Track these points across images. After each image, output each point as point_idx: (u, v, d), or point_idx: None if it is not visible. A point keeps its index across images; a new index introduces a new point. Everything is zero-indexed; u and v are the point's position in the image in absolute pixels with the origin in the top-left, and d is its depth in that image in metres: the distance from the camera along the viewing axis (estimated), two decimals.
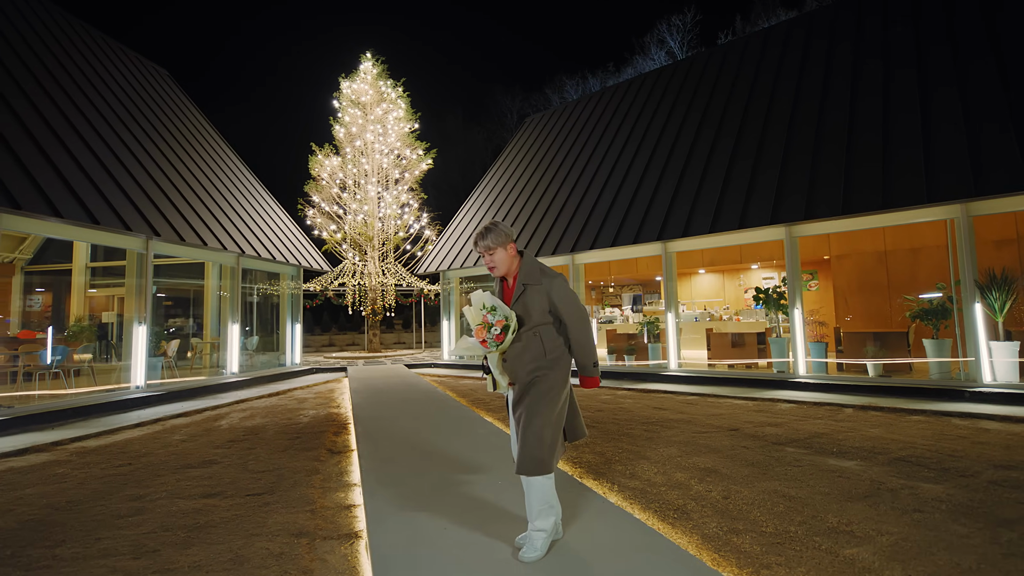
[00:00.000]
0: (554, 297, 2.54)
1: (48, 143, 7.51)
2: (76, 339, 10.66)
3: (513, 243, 2.65)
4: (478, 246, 2.63)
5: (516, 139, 17.81)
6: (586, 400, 7.75)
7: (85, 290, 14.03)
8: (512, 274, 2.66)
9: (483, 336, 2.55)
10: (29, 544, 2.89)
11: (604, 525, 2.88)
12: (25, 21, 9.49)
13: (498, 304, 2.57)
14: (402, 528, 2.88)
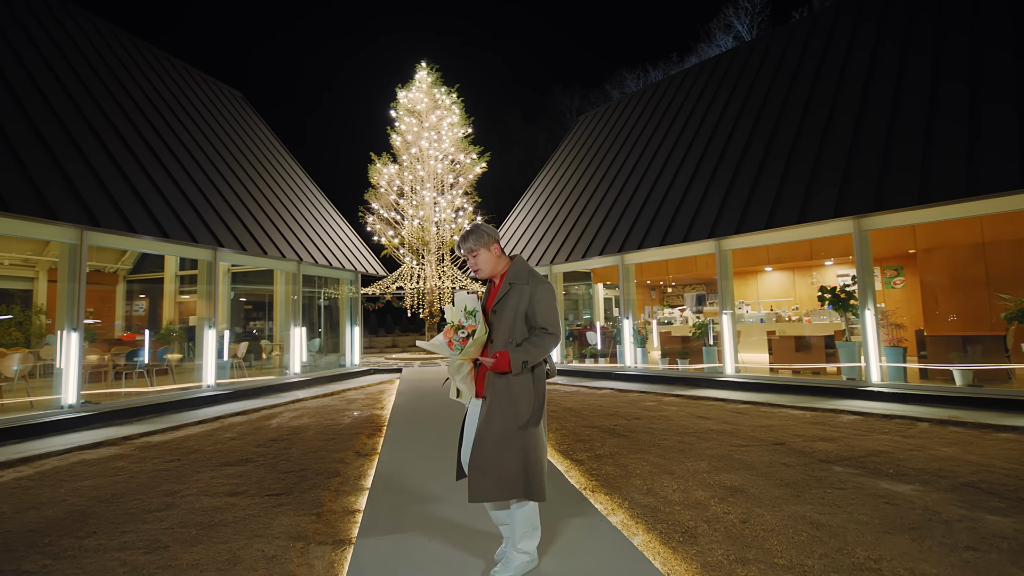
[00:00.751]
0: (536, 298, 2.47)
1: (128, 165, 8.34)
2: (165, 341, 11.79)
3: (497, 243, 2.62)
4: (461, 249, 2.61)
5: (568, 138, 17.58)
6: (627, 407, 7.47)
7: (176, 297, 15.46)
8: (499, 275, 2.62)
9: (450, 336, 2.49)
10: (66, 534, 3.18)
11: (592, 548, 2.73)
12: (113, 54, 10.61)
13: (478, 311, 2.52)
14: (388, 538, 2.88)
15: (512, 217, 15.81)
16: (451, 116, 18.21)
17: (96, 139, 8.18)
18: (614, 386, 9.70)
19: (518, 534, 2.47)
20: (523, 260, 2.63)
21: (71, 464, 4.97)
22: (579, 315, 17.04)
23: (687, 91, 13.51)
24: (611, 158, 13.93)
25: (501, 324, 2.46)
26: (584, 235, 12.18)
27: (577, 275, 15.58)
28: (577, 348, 13.33)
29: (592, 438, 5.51)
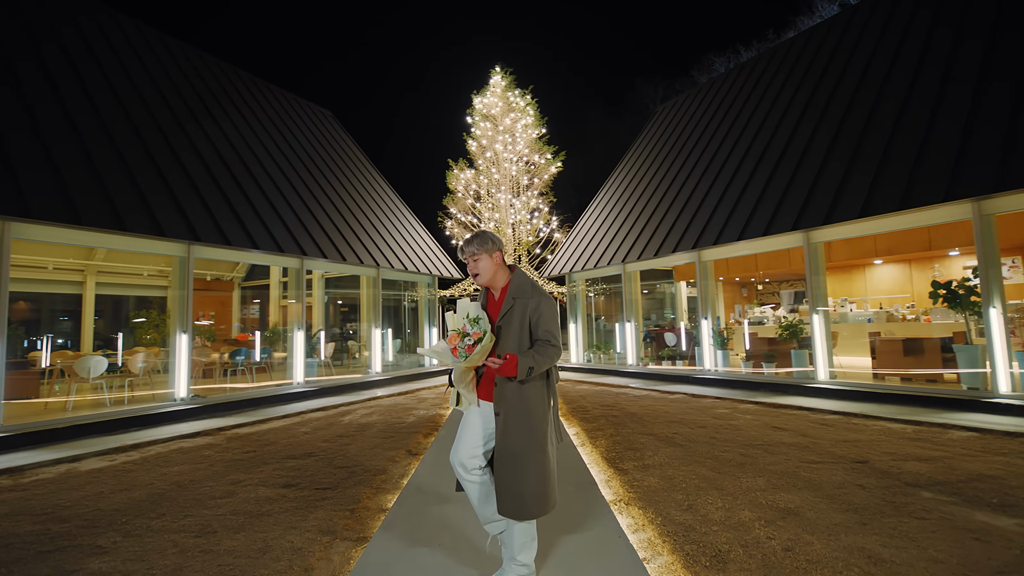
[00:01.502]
0: (539, 311, 2.45)
1: (227, 184, 9.34)
2: (269, 341, 13.06)
3: (500, 252, 2.60)
4: (464, 252, 2.61)
5: (645, 132, 16.92)
6: (695, 414, 7.02)
7: (280, 301, 17.06)
8: (499, 286, 2.60)
9: (455, 343, 2.48)
10: (141, 514, 3.62)
11: (597, 567, 2.58)
12: (218, 83, 11.95)
13: (482, 317, 2.50)
14: (401, 539, 2.93)
15: (585, 216, 15.53)
16: (525, 118, 18.31)
17: (200, 161, 9.25)
18: (689, 391, 9.16)
19: (516, 546, 2.43)
20: (524, 273, 2.62)
21: (170, 451, 5.65)
22: (660, 315, 16.34)
23: (773, 73, 12.43)
24: (688, 150, 13.19)
25: (507, 337, 2.46)
26: (657, 232, 11.64)
27: (657, 273, 14.96)
28: (654, 350, 12.78)
29: (645, 446, 5.23)
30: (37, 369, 9.17)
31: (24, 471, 4.93)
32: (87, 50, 9.10)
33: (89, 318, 14.56)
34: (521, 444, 2.37)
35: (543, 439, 2.42)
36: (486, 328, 2.46)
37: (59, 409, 7.47)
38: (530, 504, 2.34)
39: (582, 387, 10.42)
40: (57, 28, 8.86)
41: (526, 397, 2.42)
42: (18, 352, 11.07)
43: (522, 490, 2.33)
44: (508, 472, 2.36)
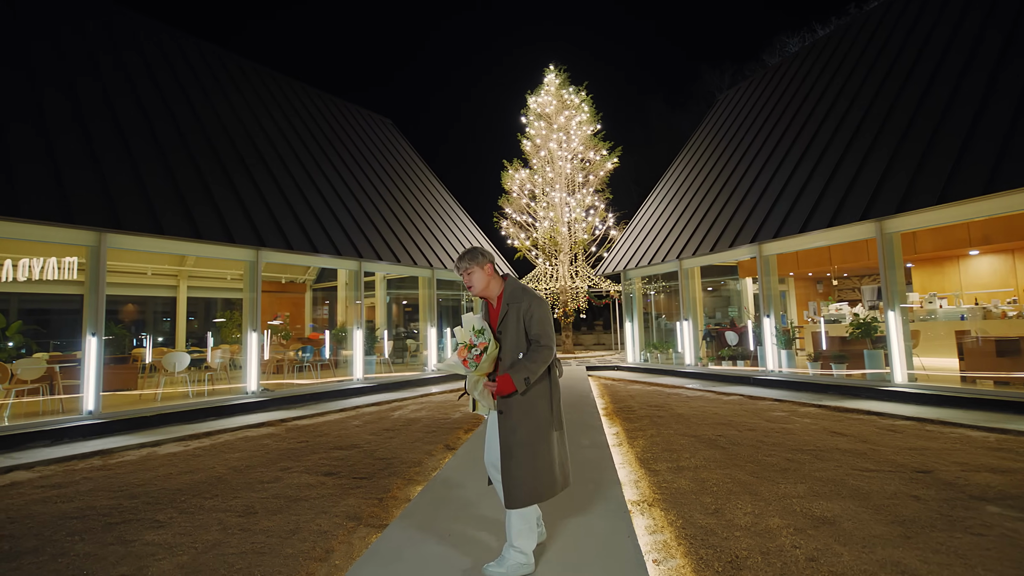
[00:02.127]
0: (530, 312, 2.57)
1: (291, 193, 10.02)
2: (336, 340, 13.84)
3: (491, 264, 2.73)
4: (458, 269, 2.74)
5: (705, 122, 16.23)
6: (746, 417, 6.68)
7: (347, 301, 18.01)
8: (494, 295, 2.73)
9: (464, 356, 2.62)
10: (197, 495, 4.00)
11: (595, 566, 2.55)
12: (285, 98, 12.82)
13: (486, 328, 2.63)
14: (418, 527, 3.05)
15: (641, 212, 15.15)
16: (580, 114, 18.15)
17: (268, 173, 9.99)
18: (747, 392, 8.71)
19: (514, 531, 2.49)
20: (515, 280, 2.76)
21: (236, 439, 6.17)
22: (725, 313, 15.62)
23: (845, 51, 11.52)
24: (749, 138, 12.52)
25: (507, 342, 2.57)
26: (715, 226, 11.15)
27: (720, 270, 14.33)
28: (714, 349, 12.24)
29: (684, 448, 5.06)
30: (136, 364, 10.29)
31: (113, 453, 5.58)
32: (169, 70, 10.10)
33: (183, 318, 16.12)
34: (529, 434, 2.49)
35: (548, 427, 2.54)
36: (490, 337, 2.60)
37: (151, 399, 8.35)
38: (519, 492, 2.43)
39: (634, 387, 10.19)
40: (136, 49, 9.90)
41: (528, 396, 2.53)
42: (125, 348, 12.49)
43: (511, 478, 2.45)
44: (515, 463, 2.47)
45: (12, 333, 10.48)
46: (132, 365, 9.99)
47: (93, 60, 8.87)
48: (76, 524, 3.41)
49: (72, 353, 9.96)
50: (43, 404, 7.59)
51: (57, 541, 3.13)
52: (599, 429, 5.66)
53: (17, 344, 10.22)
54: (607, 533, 2.89)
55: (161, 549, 3.00)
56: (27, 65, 7.74)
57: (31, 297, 13.77)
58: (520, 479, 2.44)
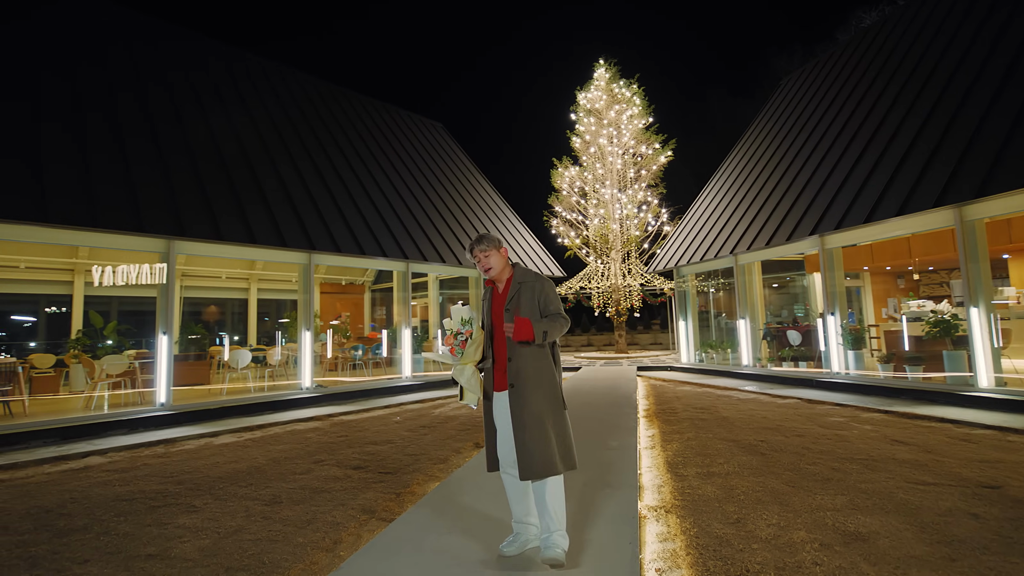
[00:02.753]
0: (544, 292, 2.71)
1: (341, 198, 10.48)
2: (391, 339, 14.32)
3: (505, 249, 2.85)
4: (474, 252, 2.81)
5: (766, 108, 15.33)
6: (797, 422, 6.24)
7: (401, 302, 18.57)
8: (504, 279, 2.81)
9: (451, 343, 2.68)
10: (234, 483, 4.26)
11: (585, 571, 2.45)
12: (340, 108, 13.41)
13: (473, 317, 2.71)
14: (424, 521, 3.07)
15: (695, 205, 14.54)
16: (631, 108, 17.69)
17: (320, 180, 10.50)
18: (806, 395, 8.13)
19: (549, 514, 2.51)
20: (523, 266, 2.87)
21: (284, 432, 6.52)
22: (791, 311, 14.69)
23: (921, 24, 10.49)
24: (812, 124, 11.68)
25: (521, 315, 2.64)
26: (771, 219, 10.49)
27: (784, 265, 13.52)
28: (775, 349, 11.52)
29: (719, 453, 4.79)
30: (210, 360, 11.13)
31: (175, 442, 6.06)
32: (233, 88, 10.85)
33: (254, 318, 17.28)
34: (539, 408, 2.57)
35: (557, 402, 2.65)
36: (477, 326, 2.68)
37: (217, 394, 9.01)
38: (557, 461, 2.52)
39: (683, 388, 9.79)
40: (202, 70, 10.70)
41: (536, 368, 2.62)
42: (204, 346, 13.57)
43: (547, 449, 2.51)
44: (530, 436, 2.51)
45: (109, 332, 11.64)
46: (205, 361, 10.81)
47: (166, 82, 9.70)
48: (125, 506, 3.73)
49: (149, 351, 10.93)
50: (125, 396, 8.38)
51: (104, 521, 3.44)
52: (631, 431, 5.47)
53: (113, 342, 11.37)
54: (607, 538, 2.78)
55: (189, 532, 3.21)
56: (113, 111, 8.59)
57: (126, 300, 15.26)
58: (534, 451, 2.50)
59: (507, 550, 2.62)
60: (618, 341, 17.98)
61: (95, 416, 6.95)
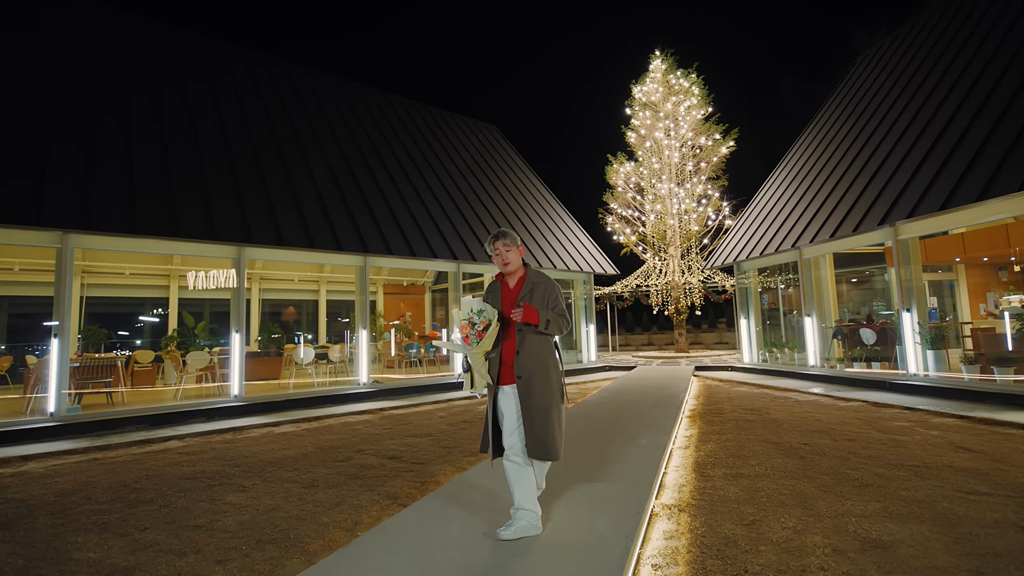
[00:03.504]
0: (553, 293, 2.96)
1: (395, 203, 10.98)
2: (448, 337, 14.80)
3: (523, 247, 3.09)
4: (495, 246, 3.00)
5: (837, 90, 14.28)
6: (853, 425, 5.84)
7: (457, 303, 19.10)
8: (517, 276, 3.04)
9: (466, 332, 2.78)
10: (282, 468, 4.65)
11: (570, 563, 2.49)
12: (396, 117, 14.02)
13: (487, 308, 2.80)
14: (436, 507, 3.24)
15: (758, 196, 13.81)
16: (689, 99, 17.10)
17: (374, 185, 11.06)
18: (874, 398, 7.55)
19: (525, 495, 2.76)
20: (535, 268, 3.12)
21: (337, 423, 6.98)
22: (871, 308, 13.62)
23: None
24: (886, 107, 10.78)
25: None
26: (837, 208, 9.80)
27: (861, 258, 12.58)
28: (847, 348, 10.74)
29: (754, 455, 4.61)
30: (280, 357, 12.05)
31: (242, 430, 6.67)
32: (300, 105, 11.68)
33: (323, 318, 18.44)
34: (544, 399, 2.78)
35: (558, 396, 2.86)
36: (491, 317, 2.76)
37: (285, 388, 9.76)
38: (553, 448, 2.75)
39: (739, 389, 9.38)
40: (272, 86, 11.58)
41: (542, 363, 2.83)
42: (280, 344, 14.70)
43: (547, 436, 2.74)
44: (534, 423, 2.75)
45: (199, 331, 12.89)
46: (277, 358, 11.72)
47: (239, 102, 10.64)
48: (186, 483, 4.21)
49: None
50: (207, 389, 9.28)
51: (168, 496, 3.91)
52: (666, 430, 5.37)
53: (203, 340, 12.60)
54: (605, 531, 2.80)
55: (233, 508, 3.58)
56: (194, 130, 9.56)
57: (216, 302, 16.80)
58: (539, 436, 2.73)
59: (504, 534, 2.72)
60: (678, 340, 17.44)
61: (179, 405, 7.79)
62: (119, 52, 9.87)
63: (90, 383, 7.89)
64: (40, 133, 7.51)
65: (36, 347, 13.53)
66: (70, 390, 7.40)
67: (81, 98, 8.42)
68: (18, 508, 3.69)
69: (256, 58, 12.57)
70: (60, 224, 6.74)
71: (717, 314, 25.77)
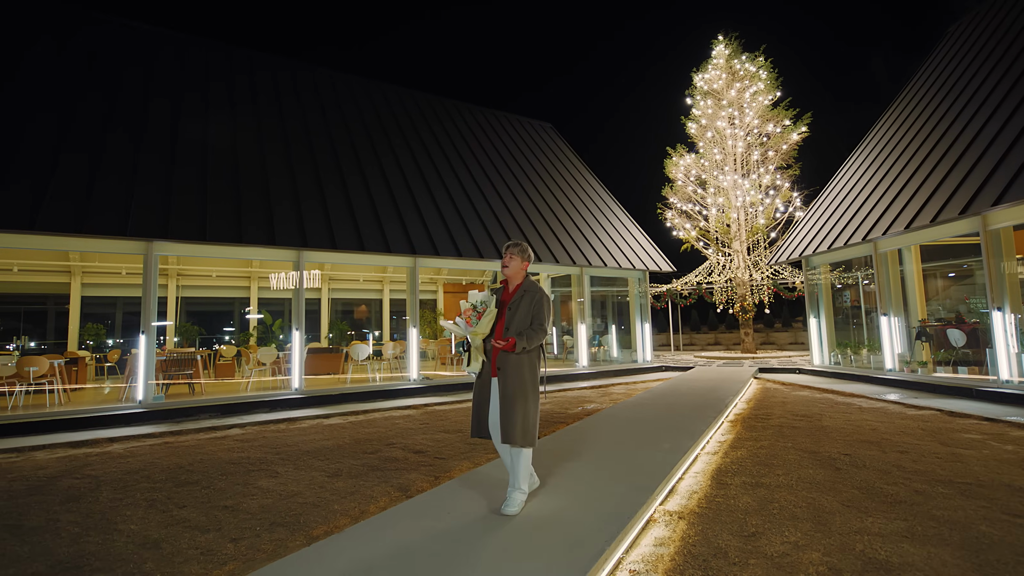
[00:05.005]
0: (539, 304, 3.31)
1: (444, 205, 11.32)
2: None
3: (528, 262, 3.49)
4: (508, 249, 3.45)
5: (926, 64, 12.90)
6: (912, 436, 5.32)
7: None
8: (516, 282, 3.46)
9: (468, 315, 3.26)
10: (315, 457, 5.00)
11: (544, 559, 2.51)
12: (450, 120, 14.39)
13: (489, 301, 3.28)
14: (439, 498, 3.37)
15: (829, 187, 12.79)
16: (755, 84, 16.13)
17: (426, 189, 11.46)
18: (951, 407, 6.81)
19: (520, 478, 3.21)
20: (533, 280, 3.49)
21: (380, 417, 7.35)
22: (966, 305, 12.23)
23: None
24: (977, 82, 9.62)
25: (516, 316, 3.29)
26: (917, 196, 8.88)
27: (955, 250, 11.35)
28: (932, 351, 9.72)
29: (784, 464, 4.34)
30: (340, 353, 12.81)
31: (295, 421, 7.20)
32: (359, 119, 12.33)
33: (387, 316, 19.33)
34: (514, 390, 3.17)
35: (530, 390, 3.24)
36: (490, 305, 3.27)
37: (343, 382, 10.38)
38: (518, 434, 3.11)
39: (799, 394, 8.78)
40: (328, 89, 12.29)
41: (520, 362, 3.23)
42: (345, 340, 15.65)
43: (512, 423, 3.11)
44: (503, 411, 3.16)
45: (277, 328, 13.99)
46: (338, 354, 12.47)
47: (303, 120, 11.43)
48: (231, 468, 4.64)
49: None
50: (274, 382, 10.08)
51: (211, 478, 4.34)
52: (695, 435, 5.17)
53: (281, 336, 13.67)
54: (588, 533, 2.79)
55: (260, 492, 3.92)
56: (259, 141, 10.40)
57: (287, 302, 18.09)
58: (506, 423, 3.13)
59: (506, 510, 3.13)
60: (744, 340, 16.54)
61: (248, 396, 8.53)
62: (197, 80, 10.94)
63: (174, 375, 8.85)
64: (131, 151, 8.53)
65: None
66: (157, 380, 8.35)
67: (165, 123, 9.46)
68: (90, 483, 4.26)
69: (322, 72, 13.44)
70: (145, 234, 7.62)
71: (792, 312, 24.10)
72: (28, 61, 9.10)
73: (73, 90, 9.03)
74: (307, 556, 2.65)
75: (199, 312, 17.21)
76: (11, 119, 8.02)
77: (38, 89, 8.69)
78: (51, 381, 8.09)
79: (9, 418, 6.77)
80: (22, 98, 8.41)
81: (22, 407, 7.59)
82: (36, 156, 7.75)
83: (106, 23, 10.97)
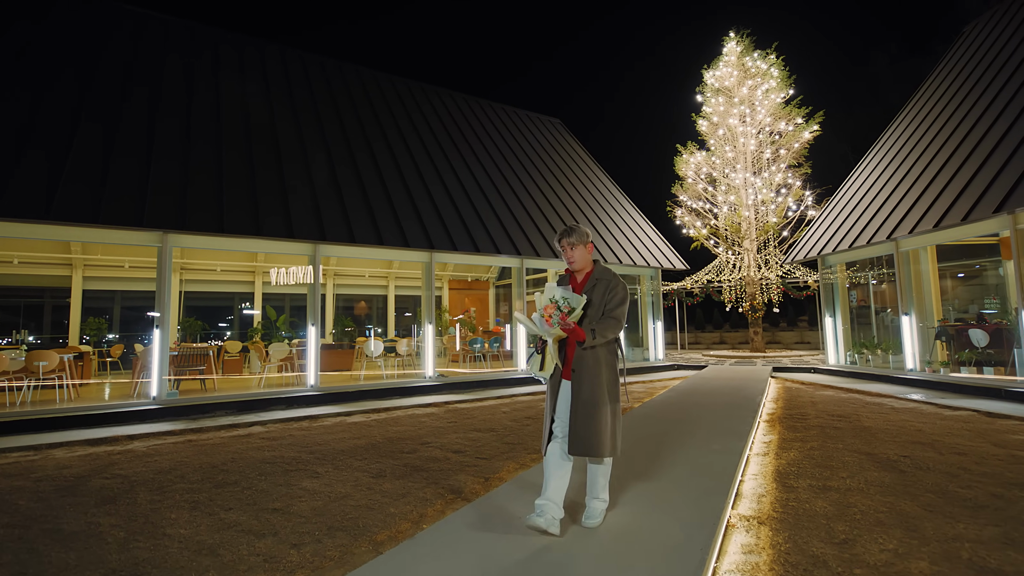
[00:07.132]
0: (615, 293, 2.92)
1: (460, 200, 11.12)
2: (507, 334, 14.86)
3: (591, 244, 3.09)
4: (561, 242, 3.04)
5: (942, 64, 12.84)
6: (962, 437, 5.22)
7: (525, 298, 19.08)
8: (585, 271, 3.06)
9: (551, 312, 2.82)
10: (352, 456, 4.81)
11: (638, 567, 2.35)
12: (461, 115, 14.18)
13: (571, 296, 2.87)
14: (495, 505, 3.20)
15: (844, 186, 12.71)
16: (767, 82, 16.04)
17: (440, 184, 11.26)
18: (986, 407, 6.73)
19: (599, 487, 2.91)
20: (604, 265, 3.13)
21: (404, 415, 7.17)
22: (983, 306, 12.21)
23: None
24: (1003, 78, 9.54)
25: (590, 308, 2.92)
26: (943, 195, 8.80)
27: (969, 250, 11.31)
28: (953, 351, 9.65)
29: (845, 466, 4.21)
30: (352, 349, 12.60)
31: (317, 418, 7.01)
32: (365, 96, 12.09)
33: (392, 313, 19.11)
34: (591, 394, 2.80)
35: (613, 394, 2.88)
36: (575, 304, 2.84)
37: (356, 379, 10.17)
38: (597, 445, 2.76)
39: (824, 393, 8.69)
40: (339, 81, 12.04)
41: (598, 360, 2.86)
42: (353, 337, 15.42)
43: (590, 432, 2.76)
44: (578, 417, 2.79)
45: (281, 324, 13.73)
46: (349, 350, 12.25)
47: (333, 124, 11.18)
48: (267, 467, 4.45)
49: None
50: (287, 378, 9.86)
51: (250, 478, 4.15)
52: (741, 435, 5.03)
53: (284, 332, 13.42)
54: (677, 542, 2.64)
55: (307, 494, 3.74)
56: (273, 137, 10.15)
57: (296, 296, 17.85)
58: (576, 431, 2.77)
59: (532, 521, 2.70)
60: (753, 339, 16.48)
61: (262, 393, 8.31)
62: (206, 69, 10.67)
63: (187, 370, 8.62)
64: (145, 150, 8.28)
65: (143, 336, 14.94)
66: (169, 376, 8.11)
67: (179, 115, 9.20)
68: (122, 484, 4.05)
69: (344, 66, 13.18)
70: (160, 225, 7.37)
71: (797, 312, 24.10)
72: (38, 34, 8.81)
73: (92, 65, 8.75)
74: (381, 567, 2.47)
75: (198, 307, 16.91)
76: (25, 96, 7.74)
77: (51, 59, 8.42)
78: (60, 376, 7.83)
79: (20, 414, 6.53)
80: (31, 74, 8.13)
81: (30, 403, 7.34)
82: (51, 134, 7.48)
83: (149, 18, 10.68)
